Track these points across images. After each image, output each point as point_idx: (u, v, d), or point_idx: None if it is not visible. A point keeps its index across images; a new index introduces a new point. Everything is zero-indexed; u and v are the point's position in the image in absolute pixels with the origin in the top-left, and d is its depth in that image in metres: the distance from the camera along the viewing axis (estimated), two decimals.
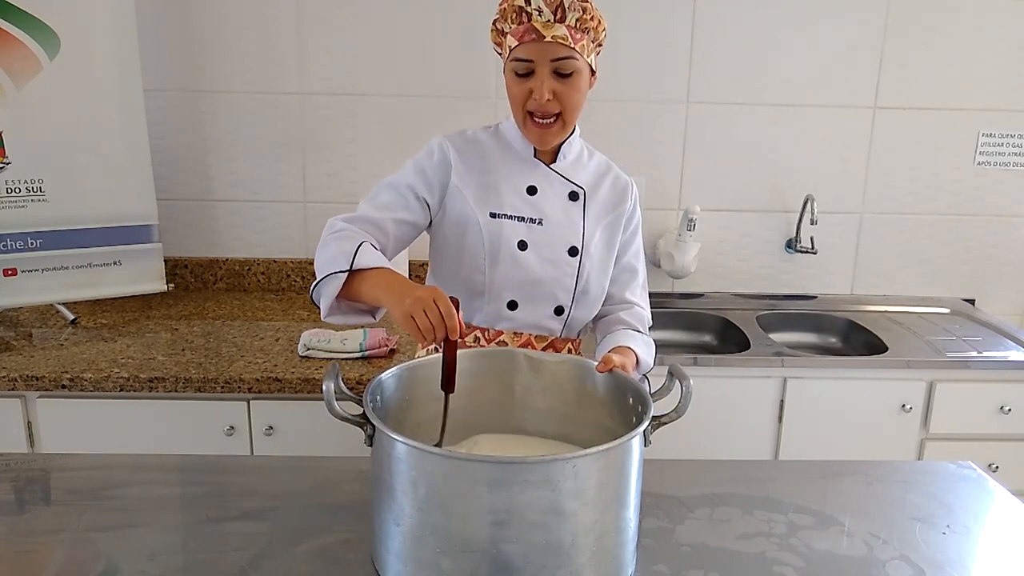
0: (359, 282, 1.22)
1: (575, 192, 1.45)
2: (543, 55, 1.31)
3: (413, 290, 1.13)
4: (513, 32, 1.33)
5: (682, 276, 2.53)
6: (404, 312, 1.11)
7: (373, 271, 1.22)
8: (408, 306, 1.10)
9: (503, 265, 1.40)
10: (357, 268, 1.22)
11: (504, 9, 1.35)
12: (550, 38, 1.29)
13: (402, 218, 1.39)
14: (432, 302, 1.09)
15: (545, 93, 1.31)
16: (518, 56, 1.32)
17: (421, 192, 1.40)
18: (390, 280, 1.20)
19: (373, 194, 1.41)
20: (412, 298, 1.10)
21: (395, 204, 1.39)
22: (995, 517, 1.27)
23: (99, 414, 1.84)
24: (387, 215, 1.37)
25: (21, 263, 2.06)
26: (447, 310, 1.09)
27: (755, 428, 2.14)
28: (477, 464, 0.93)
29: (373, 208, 1.38)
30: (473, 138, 1.46)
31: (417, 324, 1.09)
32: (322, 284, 1.24)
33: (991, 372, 2.13)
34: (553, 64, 1.31)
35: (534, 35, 1.30)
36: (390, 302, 1.17)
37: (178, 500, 1.28)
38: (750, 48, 2.42)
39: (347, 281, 1.22)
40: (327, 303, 1.24)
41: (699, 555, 1.13)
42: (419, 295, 1.10)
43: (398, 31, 2.37)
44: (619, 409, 1.17)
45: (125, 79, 2.13)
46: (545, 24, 1.30)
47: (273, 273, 2.53)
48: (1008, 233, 2.60)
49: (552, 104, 1.33)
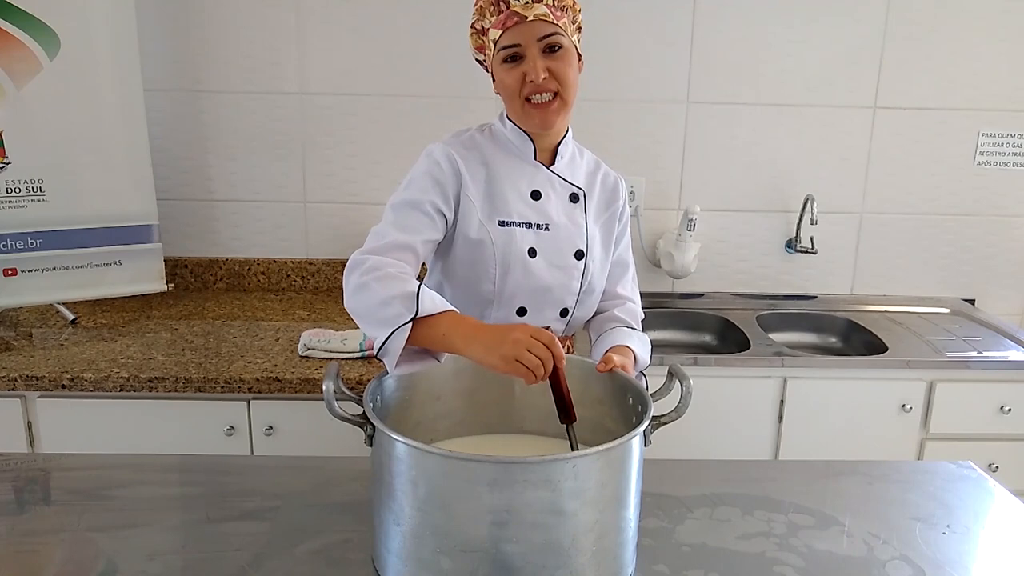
0: (425, 329, 1.13)
1: (575, 194, 1.45)
2: (529, 36, 1.30)
3: (501, 334, 1.08)
4: (495, 24, 1.32)
5: (682, 276, 2.53)
6: (506, 359, 1.06)
7: (439, 317, 1.14)
8: (510, 351, 1.05)
9: (514, 274, 1.38)
10: (423, 315, 1.13)
11: (481, 7, 1.34)
12: (532, 17, 1.29)
13: (430, 238, 1.32)
14: (531, 338, 1.06)
15: (539, 71, 1.30)
16: (505, 44, 1.31)
17: (441, 207, 1.34)
18: (465, 327, 1.13)
19: (393, 219, 1.32)
20: (510, 343, 1.06)
21: (422, 225, 1.31)
22: (995, 517, 1.27)
23: (99, 414, 1.84)
24: (417, 237, 1.29)
25: (21, 263, 2.06)
26: (550, 340, 1.06)
27: (755, 428, 2.14)
28: (477, 464, 0.93)
29: (400, 231, 1.29)
30: (472, 143, 1.42)
31: (527, 366, 1.05)
32: (389, 341, 1.12)
33: (991, 372, 2.13)
34: (541, 43, 1.31)
35: (516, 18, 1.29)
36: (477, 354, 1.09)
37: (178, 500, 1.28)
38: (750, 48, 2.42)
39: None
40: (394, 360, 1.13)
41: (699, 555, 1.13)
42: (515, 337, 1.06)
43: (398, 31, 2.37)
44: (619, 409, 1.18)
45: (125, 79, 2.13)
46: (524, 6, 1.30)
47: (273, 273, 2.53)
48: (1008, 233, 2.60)
49: (549, 81, 1.32)
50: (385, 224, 1.31)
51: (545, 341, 1.06)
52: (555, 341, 1.07)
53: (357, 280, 1.19)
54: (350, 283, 1.20)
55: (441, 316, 1.14)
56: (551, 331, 1.44)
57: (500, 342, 1.07)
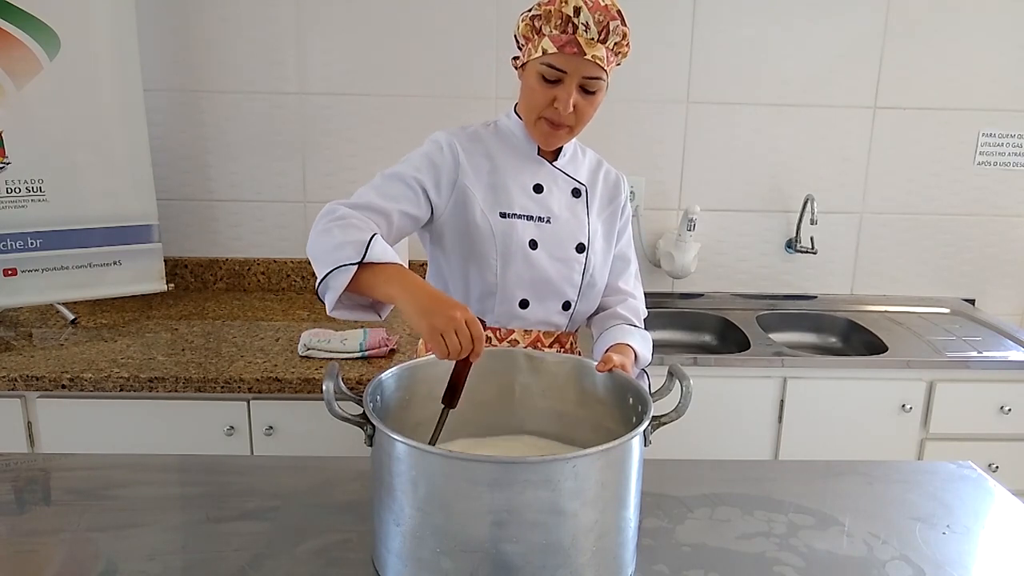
0: (370, 276, 1.16)
1: (577, 189, 1.47)
2: (577, 70, 1.31)
3: (441, 305, 1.09)
4: (554, 38, 1.30)
5: (682, 276, 2.53)
6: (433, 328, 1.07)
7: (386, 266, 1.16)
8: (441, 324, 1.06)
9: (515, 265, 1.40)
10: (370, 261, 1.15)
11: (549, 12, 1.31)
12: (590, 56, 1.29)
13: (408, 211, 1.34)
14: (465, 325, 1.06)
15: (569, 106, 1.32)
16: (553, 63, 1.31)
17: (428, 188, 1.37)
18: (409, 282, 1.14)
19: (378, 183, 1.35)
20: (445, 317, 1.07)
21: (403, 196, 1.34)
22: (995, 517, 1.27)
23: (99, 414, 1.84)
24: (394, 206, 1.32)
25: (21, 263, 2.06)
26: (478, 335, 1.07)
27: (755, 428, 2.14)
28: (477, 464, 0.93)
29: (380, 197, 1.32)
30: (476, 136, 1.44)
31: (447, 344, 1.06)
32: (330, 276, 1.16)
33: (991, 372, 2.13)
34: (583, 80, 1.32)
35: (576, 49, 1.29)
36: (412, 309, 1.11)
37: (178, 500, 1.28)
38: (750, 48, 2.42)
39: (356, 273, 1.16)
40: (334, 296, 1.17)
41: (699, 555, 1.13)
42: (452, 315, 1.07)
43: (398, 31, 2.37)
44: (619, 409, 1.17)
45: (125, 79, 2.13)
46: (588, 42, 1.29)
47: (273, 273, 2.53)
48: (1008, 233, 2.60)
49: (570, 117, 1.35)
50: (368, 187, 1.35)
51: (474, 334, 1.07)
52: (482, 338, 1.08)
53: (323, 226, 1.24)
54: (316, 228, 1.25)
55: (387, 266, 1.17)
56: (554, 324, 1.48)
57: (435, 312, 1.08)
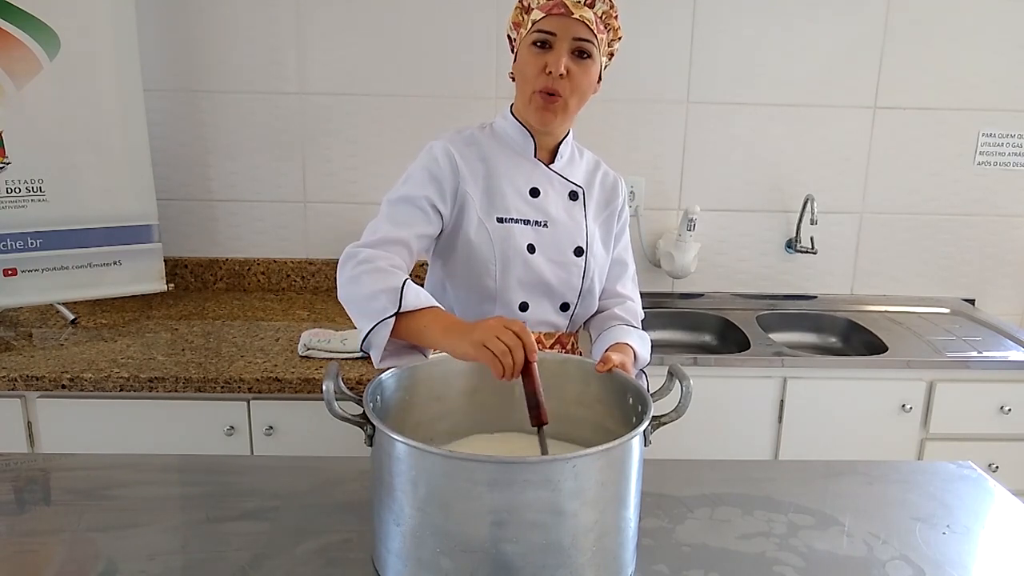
0: (408, 322, 1.15)
1: (575, 192, 1.46)
2: (566, 30, 1.32)
3: (475, 323, 1.10)
4: (541, 6, 1.34)
5: (682, 276, 2.53)
6: (474, 343, 1.06)
7: (423, 312, 1.16)
8: (478, 337, 1.06)
9: (514, 269, 1.39)
10: (405, 311, 1.15)
11: None
12: (578, 16, 1.32)
13: (423, 232, 1.34)
14: (503, 327, 1.06)
15: (561, 65, 1.32)
16: (541, 28, 1.33)
17: (436, 202, 1.36)
18: (445, 322, 1.14)
19: (387, 212, 1.34)
20: (480, 328, 1.06)
21: (415, 219, 1.33)
22: (995, 517, 1.27)
23: (99, 414, 1.84)
24: (409, 232, 1.31)
25: (21, 263, 2.06)
26: (521, 330, 1.05)
27: (755, 428, 2.14)
28: (477, 464, 0.92)
29: (393, 226, 1.31)
30: (471, 139, 1.43)
31: (493, 350, 1.04)
32: (372, 334, 1.16)
33: (991, 372, 2.13)
34: (574, 43, 1.33)
35: (562, 9, 1.32)
36: (451, 344, 1.11)
37: (178, 500, 1.28)
38: (750, 48, 2.42)
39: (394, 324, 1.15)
40: (379, 352, 1.16)
41: (699, 555, 1.13)
42: (488, 324, 1.07)
43: (398, 31, 2.37)
44: (619, 409, 1.17)
45: (125, 79, 2.13)
46: (575, 3, 1.33)
47: (273, 273, 2.53)
48: (1008, 233, 2.60)
49: (563, 83, 1.33)
50: (379, 219, 1.34)
51: (516, 330, 1.06)
52: (526, 330, 1.06)
53: (349, 272, 1.23)
54: (343, 275, 1.24)
55: (423, 311, 1.16)
56: (554, 325, 1.47)
57: (472, 329, 1.09)
